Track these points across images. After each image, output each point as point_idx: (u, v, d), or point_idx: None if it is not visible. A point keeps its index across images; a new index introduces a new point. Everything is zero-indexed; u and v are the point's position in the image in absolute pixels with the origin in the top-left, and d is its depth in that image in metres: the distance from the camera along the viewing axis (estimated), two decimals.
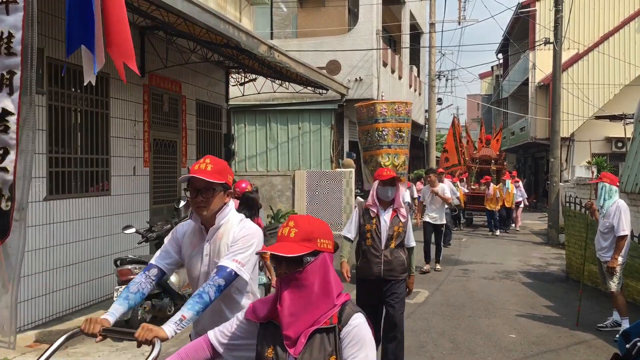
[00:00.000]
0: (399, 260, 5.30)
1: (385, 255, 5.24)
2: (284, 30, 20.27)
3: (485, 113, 45.52)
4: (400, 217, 5.30)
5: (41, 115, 6.96)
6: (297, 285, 2.17)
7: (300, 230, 2.18)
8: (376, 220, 5.28)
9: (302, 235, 2.17)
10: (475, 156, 21.12)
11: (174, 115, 10.53)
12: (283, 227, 2.21)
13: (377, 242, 5.26)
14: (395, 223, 5.27)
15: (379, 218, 5.29)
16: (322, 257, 2.20)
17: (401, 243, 5.34)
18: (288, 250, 2.14)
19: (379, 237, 5.26)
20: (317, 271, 2.18)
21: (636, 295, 8.46)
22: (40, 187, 6.95)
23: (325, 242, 2.22)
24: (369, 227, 5.30)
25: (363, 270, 5.37)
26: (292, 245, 2.15)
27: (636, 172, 9.28)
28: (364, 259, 5.35)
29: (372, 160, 10.33)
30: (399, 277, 5.32)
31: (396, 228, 5.26)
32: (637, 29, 24.84)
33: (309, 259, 2.17)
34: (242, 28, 8.29)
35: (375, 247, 5.27)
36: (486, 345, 6.68)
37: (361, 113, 10.52)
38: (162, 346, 2.74)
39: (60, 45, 7.29)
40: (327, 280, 2.19)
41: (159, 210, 9.83)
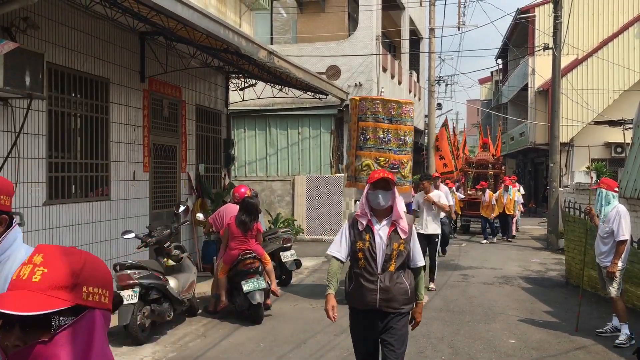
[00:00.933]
0: (401, 288, 4.11)
1: (382, 280, 4.06)
2: (284, 35, 20.32)
3: (484, 118, 45.55)
4: (400, 233, 4.11)
5: (41, 120, 6.97)
6: None
7: (53, 271, 1.31)
8: (369, 236, 4.11)
9: (55, 279, 1.31)
10: (471, 160, 20.72)
11: (174, 120, 10.54)
12: (24, 265, 1.35)
13: (371, 264, 4.08)
14: (394, 239, 4.09)
15: (373, 233, 4.11)
16: (89, 317, 1.36)
17: (403, 264, 4.16)
18: (24, 304, 1.26)
19: (374, 258, 4.08)
20: (75, 343, 1.32)
21: (636, 301, 8.46)
22: (39, 192, 6.96)
23: (97, 293, 1.37)
24: (361, 245, 4.10)
25: (354, 298, 4.21)
26: (33, 296, 1.28)
27: (635, 178, 9.29)
28: (356, 284, 4.15)
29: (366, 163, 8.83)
30: (400, 310, 4.14)
31: (396, 246, 4.08)
32: (636, 34, 24.89)
33: (62, 320, 1.31)
34: (242, 33, 8.32)
35: (369, 271, 4.08)
36: (486, 351, 6.67)
37: (363, 107, 9.04)
38: None
39: (61, 50, 7.31)
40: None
41: (159, 215, 9.83)
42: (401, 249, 4.09)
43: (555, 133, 16.51)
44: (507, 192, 17.52)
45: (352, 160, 9.09)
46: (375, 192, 4.07)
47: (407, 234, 4.13)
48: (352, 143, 9.19)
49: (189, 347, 6.70)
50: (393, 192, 4.12)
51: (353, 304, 4.26)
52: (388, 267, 4.07)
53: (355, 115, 9.01)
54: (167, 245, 7.52)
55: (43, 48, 6.87)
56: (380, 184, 4.07)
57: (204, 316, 8.03)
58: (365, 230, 4.13)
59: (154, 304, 6.78)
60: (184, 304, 7.40)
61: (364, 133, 8.83)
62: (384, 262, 4.08)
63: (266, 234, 9.53)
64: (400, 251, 4.09)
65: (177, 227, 8.11)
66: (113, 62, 8.47)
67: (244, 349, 6.62)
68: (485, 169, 19.91)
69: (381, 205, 4.09)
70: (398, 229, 4.11)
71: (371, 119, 8.80)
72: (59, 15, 7.29)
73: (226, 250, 7.91)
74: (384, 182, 4.06)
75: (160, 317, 6.89)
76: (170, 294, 6.96)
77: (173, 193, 10.51)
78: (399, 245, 4.09)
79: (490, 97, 47.33)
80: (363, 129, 8.85)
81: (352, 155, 9.12)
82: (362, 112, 8.87)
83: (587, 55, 25.31)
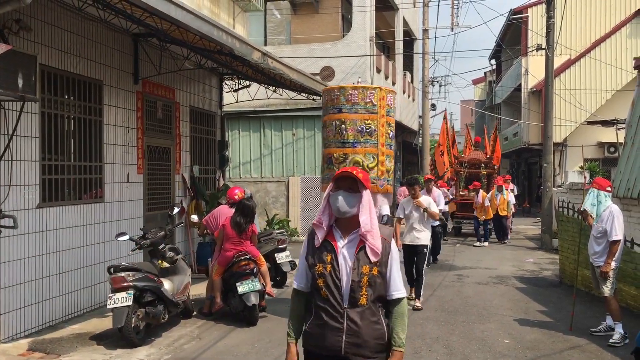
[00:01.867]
0: (375, 330, 3.03)
1: (350, 318, 2.98)
2: (278, 36, 20.32)
3: (478, 119, 45.69)
4: (369, 253, 3.00)
5: (34, 123, 6.95)
6: None
7: None
8: (332, 256, 3.04)
9: None
10: (463, 159, 19.81)
11: (168, 122, 10.52)
12: None
13: (335, 294, 3.00)
14: (364, 261, 3.00)
15: (335, 252, 3.04)
16: None
17: (379, 296, 3.06)
18: None
19: (338, 287, 3.00)
20: None
21: (629, 300, 8.50)
22: (33, 195, 6.93)
23: None
24: (321, 269, 3.04)
25: (312, 338, 3.12)
26: None
27: (628, 177, 9.34)
28: (316, 321, 3.08)
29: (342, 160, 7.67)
30: (372, 358, 3.05)
31: (366, 270, 2.99)
32: (629, 34, 25.03)
33: None
34: (236, 35, 8.31)
35: (332, 304, 3.01)
36: (480, 351, 6.68)
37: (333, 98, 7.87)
38: None
39: (53, 52, 7.29)
40: None
41: (153, 217, 9.81)
42: (374, 273, 3.00)
43: (548, 133, 16.57)
44: (500, 192, 16.91)
45: (325, 158, 8.06)
46: (337, 192, 3.05)
47: (379, 255, 3.01)
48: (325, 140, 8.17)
49: (184, 349, 6.69)
50: (361, 197, 3.04)
51: (310, 346, 3.15)
52: (358, 299, 2.98)
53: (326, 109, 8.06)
54: (162, 247, 7.50)
55: (36, 50, 6.85)
56: (343, 183, 3.06)
57: (198, 318, 8.01)
58: (325, 248, 3.06)
59: (148, 306, 6.76)
60: (179, 306, 7.39)
61: (328, 127, 7.83)
62: (350, 292, 2.99)
63: (261, 235, 9.52)
64: (374, 277, 2.99)
65: (171, 228, 8.09)
66: (106, 64, 8.44)
67: (239, 351, 6.61)
68: (477, 168, 19.08)
69: (341, 211, 3.02)
70: (366, 247, 3.00)
71: (336, 110, 7.74)
72: (51, 17, 7.27)
73: (221, 252, 7.90)
74: (348, 181, 3.06)
75: (155, 320, 6.87)
76: (164, 296, 6.94)
77: (167, 195, 10.49)
78: (370, 269, 2.99)
79: (484, 97, 47.47)
80: (327, 123, 7.87)
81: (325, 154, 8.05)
82: (330, 104, 7.86)
83: (579, 55, 25.44)
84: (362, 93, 7.61)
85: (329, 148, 7.84)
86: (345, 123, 7.58)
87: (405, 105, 25.72)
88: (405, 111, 25.44)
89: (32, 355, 6.22)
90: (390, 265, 3.09)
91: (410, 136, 29.61)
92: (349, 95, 7.66)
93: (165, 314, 7.03)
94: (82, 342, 6.71)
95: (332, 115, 7.75)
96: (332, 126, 7.69)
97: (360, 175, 3.06)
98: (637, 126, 9.70)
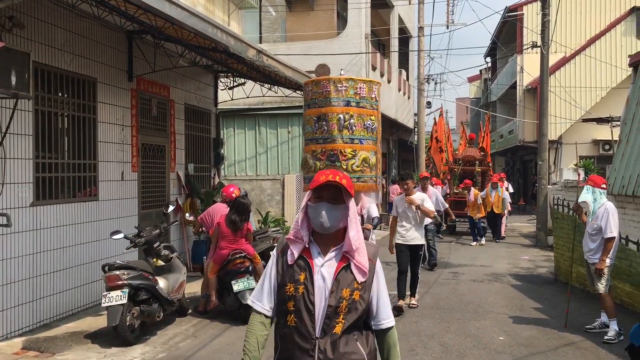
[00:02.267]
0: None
1: (321, 349, 2.51)
2: (273, 34, 20.28)
3: (474, 116, 45.76)
4: (355, 272, 2.57)
5: (28, 120, 6.91)
6: None
7: None
8: (305, 275, 2.56)
9: None
10: (458, 157, 19.59)
11: (163, 120, 10.49)
12: None
13: (306, 321, 2.52)
14: (345, 283, 2.55)
15: (311, 271, 2.57)
16: None
17: (358, 323, 2.59)
18: None
19: (311, 312, 2.53)
20: None
21: (624, 297, 8.52)
22: (26, 193, 6.90)
23: None
24: (291, 290, 2.56)
25: None
26: None
27: (623, 174, 9.35)
28: (284, 352, 2.61)
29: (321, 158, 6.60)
30: None
31: (346, 293, 2.53)
32: (623, 32, 25.11)
33: None
34: (231, 32, 8.28)
35: (302, 333, 2.53)
36: (476, 348, 6.69)
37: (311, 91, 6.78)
38: None
39: (47, 49, 7.25)
40: None
41: (148, 215, 9.78)
42: (355, 298, 2.54)
43: (543, 131, 16.60)
44: (495, 189, 16.67)
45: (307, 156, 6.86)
46: (318, 204, 2.57)
47: (368, 274, 2.58)
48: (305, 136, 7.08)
49: (179, 347, 6.67)
50: (348, 208, 2.59)
51: None
52: (332, 327, 2.51)
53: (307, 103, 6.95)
54: (157, 246, 7.48)
55: (29, 47, 6.81)
56: (326, 192, 2.57)
57: (194, 316, 7.99)
58: (299, 265, 2.58)
59: (143, 304, 6.74)
60: (174, 304, 7.37)
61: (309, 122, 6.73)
62: (325, 318, 2.51)
63: (256, 233, 9.51)
64: (354, 302, 2.53)
65: (166, 227, 8.08)
66: (100, 61, 8.41)
67: (234, 349, 6.59)
68: (472, 165, 18.81)
69: (324, 226, 2.55)
70: (352, 266, 2.56)
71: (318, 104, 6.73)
72: (45, 14, 7.23)
73: (216, 250, 7.89)
74: (332, 190, 2.56)
75: (150, 318, 6.85)
76: (159, 294, 6.92)
77: (162, 193, 10.46)
78: (352, 292, 2.54)
79: (479, 95, 47.56)
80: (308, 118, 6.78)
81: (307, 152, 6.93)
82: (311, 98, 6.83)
83: (574, 53, 25.50)
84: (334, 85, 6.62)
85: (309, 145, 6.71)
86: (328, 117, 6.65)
87: (401, 103, 25.73)
88: (400, 109, 25.46)
89: (26, 354, 6.20)
90: (376, 288, 2.64)
91: (405, 134, 29.64)
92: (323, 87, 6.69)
93: (160, 312, 7.02)
94: (77, 340, 6.68)
95: (310, 110, 6.74)
96: (312, 121, 6.71)
97: (344, 181, 2.57)
98: (632, 124, 9.72)
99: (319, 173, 2.63)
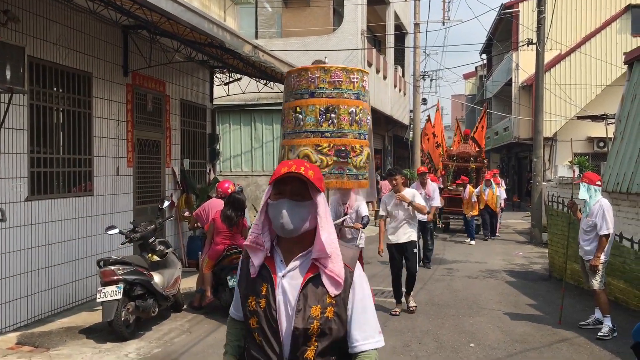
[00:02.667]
0: None
1: None
2: (269, 29, 20.24)
3: (469, 113, 45.83)
4: (327, 284, 2.09)
5: (23, 115, 6.88)
6: None
7: None
8: (267, 287, 2.14)
9: None
10: (452, 153, 19.29)
11: (158, 115, 10.46)
12: None
13: (271, 343, 2.12)
14: (315, 298, 2.08)
15: (271, 282, 2.13)
16: None
17: (335, 346, 2.13)
18: None
19: (275, 332, 2.11)
20: None
21: (617, 294, 8.57)
22: (21, 188, 6.87)
23: None
24: (253, 305, 2.15)
25: None
26: None
27: (617, 172, 9.39)
28: None
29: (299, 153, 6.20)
30: None
31: (316, 311, 2.07)
32: (619, 30, 25.16)
33: None
34: (227, 27, 8.26)
35: (269, 356, 2.12)
36: (470, 344, 6.71)
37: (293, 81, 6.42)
38: None
39: (42, 43, 7.22)
40: None
41: (143, 210, 9.77)
42: (329, 316, 2.05)
43: (538, 128, 16.64)
44: (489, 187, 16.43)
45: (285, 151, 6.50)
46: (279, 201, 2.11)
47: (342, 286, 2.09)
48: (284, 129, 6.69)
49: (174, 342, 6.67)
50: (316, 205, 2.12)
51: None
52: (304, 351, 2.07)
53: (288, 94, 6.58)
54: (152, 241, 7.47)
55: (24, 41, 6.77)
56: (288, 186, 2.11)
57: (189, 312, 7.99)
58: (261, 275, 2.15)
59: (138, 299, 6.74)
60: (169, 299, 7.37)
61: (300, 113, 6.24)
62: (293, 341, 2.07)
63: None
64: (328, 321, 2.05)
65: (161, 222, 8.05)
66: (96, 56, 8.37)
67: None
68: (466, 162, 18.54)
69: (286, 229, 2.09)
70: (323, 276, 2.07)
71: (307, 95, 6.26)
72: (40, 8, 7.19)
73: (211, 246, 7.88)
74: (296, 183, 2.11)
75: (145, 313, 6.85)
76: (155, 289, 6.92)
77: (157, 188, 10.44)
78: (323, 309, 2.05)
79: (474, 92, 47.62)
80: (296, 109, 6.30)
81: (284, 146, 6.54)
82: (294, 88, 6.40)
83: (570, 50, 25.54)
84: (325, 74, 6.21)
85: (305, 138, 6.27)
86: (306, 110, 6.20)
87: (397, 99, 25.74)
88: (396, 105, 25.47)
89: (20, 349, 6.19)
90: (354, 302, 2.12)
91: (401, 130, 29.66)
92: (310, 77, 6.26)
93: (156, 307, 7.02)
94: (72, 335, 6.68)
95: (290, 103, 6.35)
96: (290, 115, 6.32)
97: (311, 173, 2.09)
98: (627, 121, 9.75)
99: (280, 164, 2.16)
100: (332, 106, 6.16)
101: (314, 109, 6.17)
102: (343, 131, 6.18)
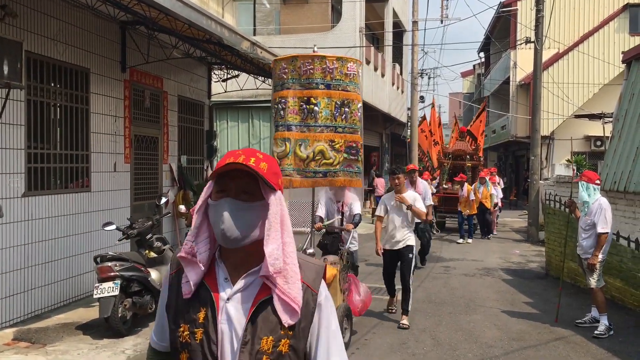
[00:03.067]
0: None
1: None
2: (267, 26, 20.21)
3: (466, 111, 45.85)
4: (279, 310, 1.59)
5: (20, 110, 6.86)
6: None
7: None
8: (206, 313, 1.62)
9: None
10: (448, 151, 19.02)
11: (156, 111, 10.44)
12: None
13: None
14: (266, 327, 1.59)
15: (214, 306, 1.62)
16: None
17: None
18: None
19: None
20: None
21: (614, 292, 8.59)
22: (18, 183, 6.85)
23: None
24: (186, 336, 1.62)
25: None
26: None
27: (615, 170, 9.40)
28: None
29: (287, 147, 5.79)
30: None
31: (266, 344, 1.58)
32: (617, 29, 25.19)
33: None
34: (225, 24, 8.24)
35: None
36: (467, 342, 6.72)
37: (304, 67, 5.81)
38: None
39: (40, 39, 7.19)
40: None
41: (140, 206, 9.75)
42: (283, 350, 1.60)
43: (536, 126, 16.66)
44: (483, 185, 16.17)
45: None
46: (220, 201, 1.63)
47: (299, 313, 1.62)
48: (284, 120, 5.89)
49: None
50: (267, 206, 1.65)
51: None
52: None
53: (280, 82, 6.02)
54: (149, 237, 7.46)
55: (21, 36, 6.74)
56: (233, 182, 1.64)
57: None
58: (198, 298, 1.66)
59: (135, 296, 6.73)
60: None
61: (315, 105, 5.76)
62: None
63: None
64: (280, 356, 1.60)
65: (158, 218, 8.05)
66: (93, 51, 8.35)
67: None
68: (462, 160, 18.27)
69: (228, 236, 1.60)
70: (275, 299, 1.61)
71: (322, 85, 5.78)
72: (38, 4, 7.16)
73: None
74: (244, 179, 1.64)
75: (142, 310, 6.84)
76: (152, 286, 6.91)
77: (155, 184, 10.43)
78: (276, 342, 1.60)
79: (472, 90, 47.65)
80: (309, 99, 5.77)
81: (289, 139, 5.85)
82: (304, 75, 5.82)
83: (568, 49, 25.57)
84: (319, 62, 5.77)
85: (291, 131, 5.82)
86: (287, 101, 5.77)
87: (394, 97, 25.73)
88: (394, 103, 25.47)
89: (17, 345, 6.17)
90: (318, 333, 1.66)
91: (398, 128, 29.66)
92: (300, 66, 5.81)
93: (152, 304, 7.00)
94: (68, 331, 6.66)
95: (298, 91, 5.82)
96: (297, 104, 5.81)
97: (263, 166, 1.63)
98: (625, 120, 9.76)
99: (227, 154, 1.69)
100: (347, 100, 5.81)
101: (330, 102, 5.74)
102: (354, 127, 5.86)
